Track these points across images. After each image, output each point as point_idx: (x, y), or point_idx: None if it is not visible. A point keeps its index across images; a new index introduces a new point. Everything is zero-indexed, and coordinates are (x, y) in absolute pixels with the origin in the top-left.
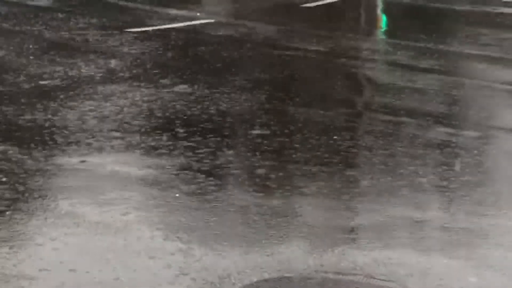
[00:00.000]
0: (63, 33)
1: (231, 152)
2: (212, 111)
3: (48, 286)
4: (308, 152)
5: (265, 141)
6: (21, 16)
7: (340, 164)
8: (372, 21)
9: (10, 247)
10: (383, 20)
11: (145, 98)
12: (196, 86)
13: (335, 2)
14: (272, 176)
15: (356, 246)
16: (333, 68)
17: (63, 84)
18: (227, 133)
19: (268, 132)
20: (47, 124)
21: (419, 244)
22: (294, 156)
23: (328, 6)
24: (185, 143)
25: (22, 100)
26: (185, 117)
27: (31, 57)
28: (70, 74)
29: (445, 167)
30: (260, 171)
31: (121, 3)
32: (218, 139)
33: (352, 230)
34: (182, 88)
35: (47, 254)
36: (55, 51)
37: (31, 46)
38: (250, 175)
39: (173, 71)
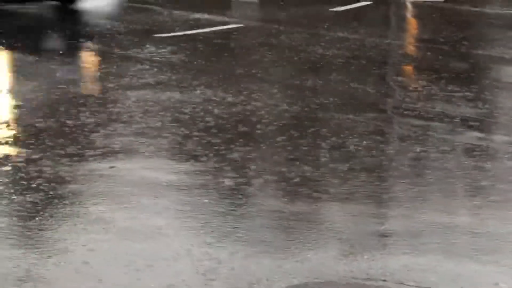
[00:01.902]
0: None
1: (260, 157)
2: (241, 116)
3: None
4: (338, 157)
5: (295, 146)
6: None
7: (369, 169)
8: (402, 24)
9: (40, 253)
10: (413, 22)
11: (175, 103)
12: (226, 91)
13: (364, 6)
14: (302, 181)
15: (386, 252)
16: (363, 72)
17: (92, 89)
18: (257, 138)
19: (297, 136)
20: (77, 130)
21: (450, 250)
22: (324, 161)
23: (357, 10)
24: (215, 148)
25: (51, 106)
26: (215, 122)
27: (59, 64)
28: (98, 79)
29: (475, 172)
30: (290, 176)
31: (149, 7)
32: (248, 144)
33: (382, 235)
34: (212, 93)
35: (77, 259)
36: (86, 55)
37: (61, 52)
38: (279, 181)
39: (203, 75)
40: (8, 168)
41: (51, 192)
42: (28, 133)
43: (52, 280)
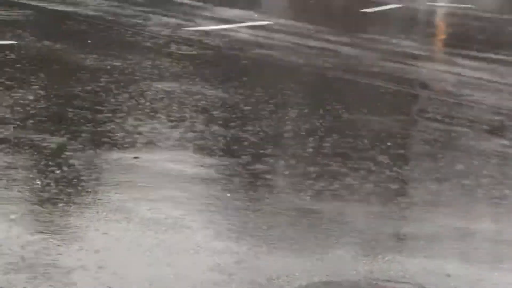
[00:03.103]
0: (121, 30)
1: (284, 156)
2: (267, 114)
3: (99, 279)
4: (361, 158)
5: (319, 146)
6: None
7: (392, 171)
8: (430, 29)
9: (62, 239)
10: (441, 27)
11: (200, 97)
12: (251, 89)
13: (393, 8)
14: (324, 181)
15: (406, 254)
16: (390, 74)
17: (119, 80)
18: (281, 136)
19: (320, 137)
20: (102, 120)
21: (470, 255)
22: (346, 162)
23: (386, 12)
24: (240, 144)
25: (79, 95)
26: (240, 119)
27: (88, 53)
28: (126, 71)
29: (498, 179)
30: (312, 175)
31: (180, 1)
32: (273, 142)
33: (402, 238)
34: (238, 89)
35: (98, 247)
36: (115, 48)
37: (89, 41)
38: (302, 179)
39: (228, 72)
40: (33, 154)
41: (74, 180)
42: (53, 120)
43: (73, 267)
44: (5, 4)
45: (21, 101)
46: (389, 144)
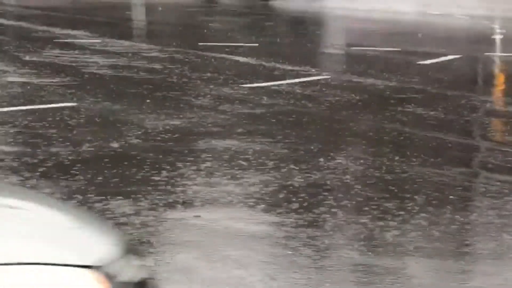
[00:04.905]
0: (175, 87)
1: (344, 211)
2: (327, 171)
3: None
4: (422, 212)
5: (379, 201)
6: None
7: (455, 225)
8: (490, 79)
9: None
10: (500, 77)
11: (260, 155)
12: (309, 147)
13: (451, 59)
14: (386, 235)
15: None
16: (450, 126)
17: (178, 138)
18: (342, 193)
19: (382, 191)
20: (163, 178)
21: None
22: (407, 216)
23: (443, 64)
24: (298, 201)
25: (137, 154)
26: (300, 178)
27: (146, 112)
28: (184, 128)
29: None
30: (374, 229)
31: (231, 57)
32: (332, 198)
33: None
34: (296, 147)
35: None
36: (169, 105)
37: (148, 101)
38: (363, 234)
39: (286, 129)
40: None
41: (135, 240)
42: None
43: None
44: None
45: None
46: (451, 197)
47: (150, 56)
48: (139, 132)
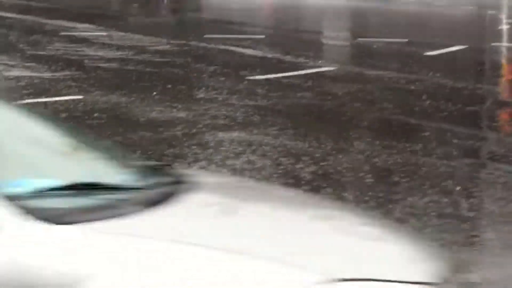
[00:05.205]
0: (183, 79)
1: (352, 202)
2: (335, 163)
3: None
4: (430, 202)
5: (386, 192)
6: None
7: (462, 216)
8: (497, 69)
9: None
10: (507, 67)
11: (267, 147)
12: (317, 141)
13: (457, 50)
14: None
15: None
16: (457, 117)
17: (184, 130)
18: (350, 184)
19: (389, 183)
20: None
21: None
22: (415, 208)
23: (450, 54)
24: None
25: (144, 147)
26: (308, 169)
27: (153, 105)
28: (191, 120)
29: None
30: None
31: (240, 50)
32: (341, 189)
33: (474, 284)
34: (303, 138)
35: None
36: (177, 96)
37: (154, 93)
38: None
39: (293, 121)
40: None
41: None
42: None
43: None
44: None
45: None
46: (458, 188)
47: (157, 49)
48: (146, 125)
